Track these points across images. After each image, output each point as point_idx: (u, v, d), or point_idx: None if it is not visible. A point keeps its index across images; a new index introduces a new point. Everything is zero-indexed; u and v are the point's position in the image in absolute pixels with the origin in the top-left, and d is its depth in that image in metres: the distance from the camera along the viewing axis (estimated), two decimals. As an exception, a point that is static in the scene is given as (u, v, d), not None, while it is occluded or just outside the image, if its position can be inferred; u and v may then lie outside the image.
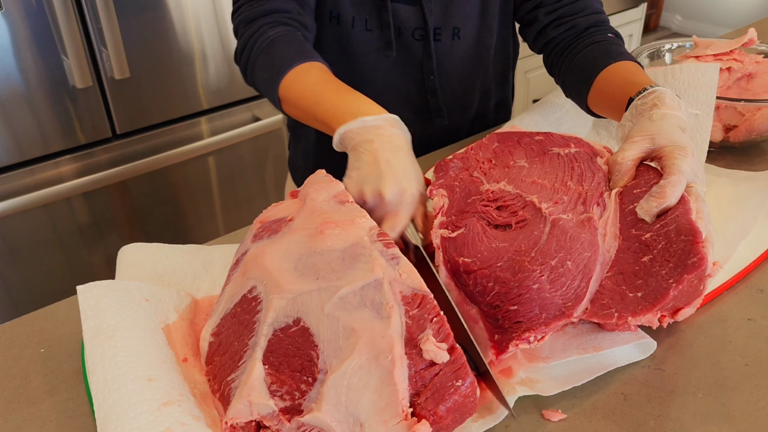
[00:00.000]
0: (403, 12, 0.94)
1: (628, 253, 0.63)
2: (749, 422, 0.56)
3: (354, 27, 0.94)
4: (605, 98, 0.84)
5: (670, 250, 0.61)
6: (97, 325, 0.57)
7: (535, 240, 0.63)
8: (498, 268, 0.62)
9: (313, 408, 0.51)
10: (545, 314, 0.59)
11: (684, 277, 0.59)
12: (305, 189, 0.69)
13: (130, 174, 1.62)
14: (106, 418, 0.50)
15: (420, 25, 0.95)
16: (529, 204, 0.67)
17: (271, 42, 0.85)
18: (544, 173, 0.71)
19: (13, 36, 1.37)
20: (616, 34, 0.93)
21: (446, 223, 0.68)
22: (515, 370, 0.60)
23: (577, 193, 0.68)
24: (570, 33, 0.93)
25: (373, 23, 0.94)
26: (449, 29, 0.97)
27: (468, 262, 0.63)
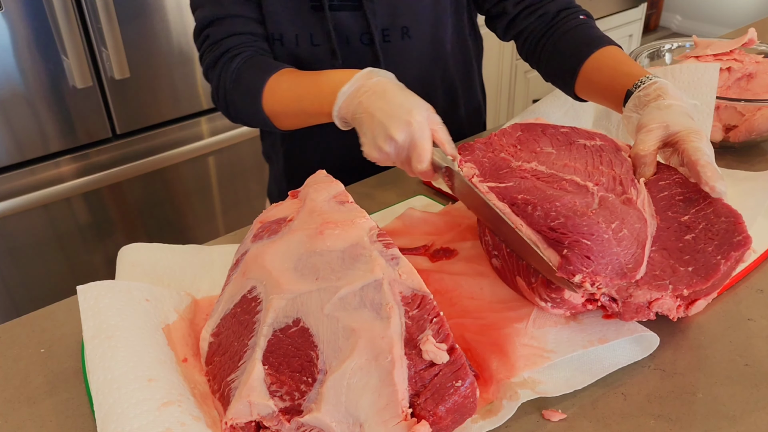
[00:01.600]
0: (346, 19, 0.92)
1: (669, 232, 0.64)
2: (749, 422, 0.56)
3: (299, 45, 0.93)
4: (596, 88, 0.86)
5: (712, 230, 0.62)
6: (97, 325, 0.57)
7: (588, 204, 0.63)
8: (559, 207, 0.62)
9: (312, 408, 0.51)
10: (611, 268, 0.59)
11: (731, 254, 0.60)
12: (305, 189, 0.69)
13: (130, 174, 1.62)
14: (107, 417, 0.50)
15: (365, 30, 0.93)
16: (569, 182, 0.67)
17: (236, 74, 0.88)
18: (574, 158, 0.71)
19: (13, 36, 1.37)
20: (587, 14, 0.94)
21: (486, 181, 0.69)
22: (519, 368, 0.59)
23: (612, 176, 0.68)
24: (542, 20, 0.94)
25: (319, 37, 0.93)
26: (398, 29, 0.95)
27: (528, 198, 0.63)
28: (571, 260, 0.58)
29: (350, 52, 0.95)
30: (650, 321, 0.67)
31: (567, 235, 0.59)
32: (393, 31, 0.95)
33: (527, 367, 0.59)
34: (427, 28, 0.97)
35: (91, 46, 1.48)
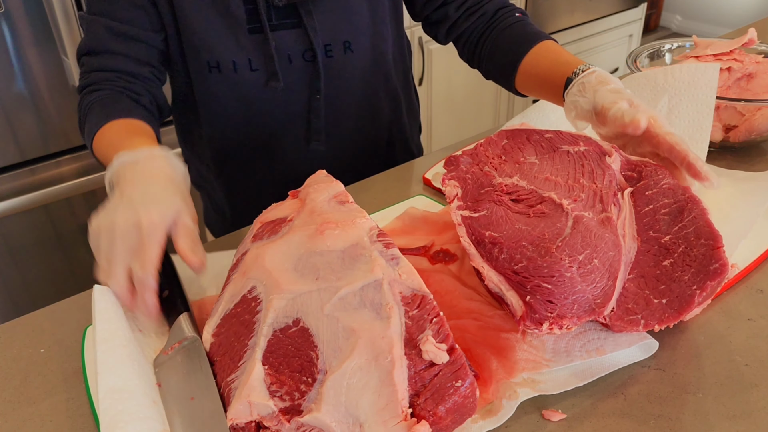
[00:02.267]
0: (288, 38, 0.91)
1: (648, 256, 0.63)
2: (749, 422, 0.56)
3: (237, 71, 0.91)
4: (535, 81, 0.89)
5: (690, 255, 0.61)
6: (112, 330, 0.57)
7: (558, 231, 0.62)
8: (524, 247, 0.61)
9: (312, 408, 0.51)
10: (577, 306, 0.58)
11: (707, 284, 0.59)
12: (305, 189, 0.69)
13: (130, 174, 1.62)
14: (112, 422, 0.50)
15: (308, 47, 0.92)
16: (547, 200, 0.66)
17: (88, 109, 0.86)
18: (556, 170, 0.71)
19: (13, 36, 1.37)
20: (522, 12, 0.97)
21: (464, 206, 0.68)
22: (518, 369, 0.59)
23: (593, 191, 0.67)
24: (481, 20, 0.97)
25: (258, 61, 0.91)
26: (339, 43, 0.95)
27: (495, 236, 0.63)
28: (534, 308, 0.57)
29: (292, 71, 0.94)
30: (650, 321, 0.67)
31: (529, 279, 0.59)
32: (335, 46, 0.94)
33: (526, 369, 0.59)
34: (368, 40, 0.97)
35: (91, 46, 1.48)
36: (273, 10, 0.89)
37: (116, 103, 0.85)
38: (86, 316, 0.70)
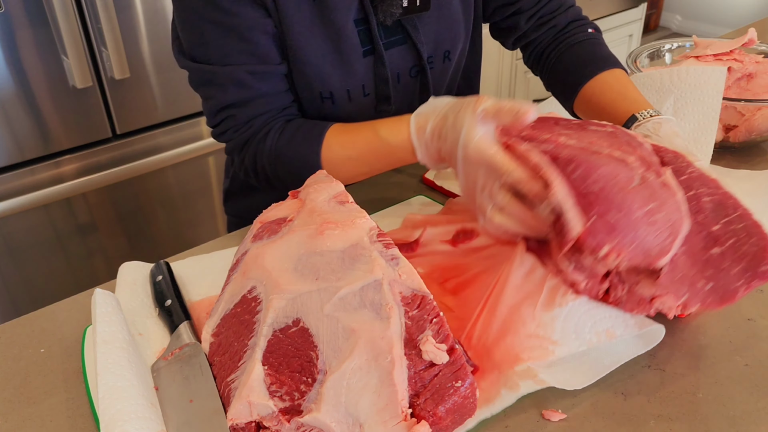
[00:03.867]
0: (396, 55, 0.88)
1: (698, 239, 0.62)
2: (749, 422, 0.56)
3: (351, 100, 0.88)
4: (596, 108, 0.86)
5: (740, 251, 0.60)
6: (112, 332, 0.57)
7: (628, 179, 0.60)
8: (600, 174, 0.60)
9: (312, 408, 0.51)
10: (635, 246, 0.57)
11: (753, 283, 0.59)
12: (306, 189, 0.69)
13: (130, 174, 1.62)
14: (111, 421, 0.50)
15: (415, 62, 0.90)
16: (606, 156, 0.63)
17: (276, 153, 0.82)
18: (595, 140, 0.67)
19: (13, 36, 1.37)
20: (596, 28, 0.95)
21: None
22: (522, 359, 0.59)
23: (640, 157, 0.64)
24: (551, 32, 0.95)
25: (370, 85, 0.88)
26: (440, 54, 0.92)
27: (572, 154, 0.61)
28: (597, 229, 0.56)
29: (399, 89, 0.91)
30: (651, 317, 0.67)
31: (598, 203, 0.57)
32: (436, 57, 0.92)
33: (531, 359, 0.59)
34: (460, 46, 0.95)
35: (91, 46, 1.48)
36: (381, 29, 0.86)
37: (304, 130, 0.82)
38: (86, 316, 0.70)
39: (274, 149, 0.82)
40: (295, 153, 0.81)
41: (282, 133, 0.83)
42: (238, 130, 0.84)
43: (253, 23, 0.79)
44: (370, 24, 0.84)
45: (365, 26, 0.84)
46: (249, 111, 0.83)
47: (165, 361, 0.60)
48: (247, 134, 0.84)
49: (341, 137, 0.80)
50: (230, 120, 0.84)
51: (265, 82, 0.83)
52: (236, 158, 0.87)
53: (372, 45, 0.85)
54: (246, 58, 0.81)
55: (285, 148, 0.82)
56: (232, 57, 0.80)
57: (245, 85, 0.81)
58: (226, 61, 0.81)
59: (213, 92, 0.83)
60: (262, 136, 0.83)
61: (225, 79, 0.81)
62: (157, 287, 0.69)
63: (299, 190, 0.70)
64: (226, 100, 0.83)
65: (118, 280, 0.71)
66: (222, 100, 0.83)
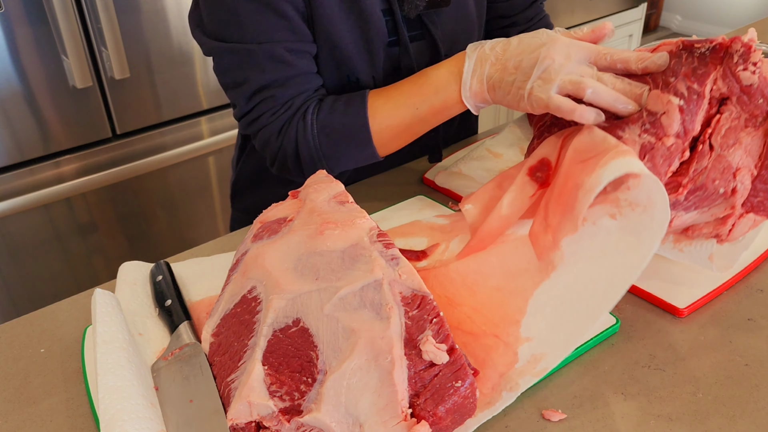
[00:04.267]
0: (415, 50, 0.90)
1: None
2: (749, 422, 0.56)
3: (376, 86, 0.88)
4: None
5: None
6: (112, 332, 0.57)
7: None
8: None
9: (312, 408, 0.51)
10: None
11: None
12: (306, 189, 0.69)
13: (130, 174, 1.62)
14: (112, 421, 0.50)
15: (434, 58, 0.90)
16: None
17: (320, 126, 0.81)
18: None
19: (13, 36, 1.37)
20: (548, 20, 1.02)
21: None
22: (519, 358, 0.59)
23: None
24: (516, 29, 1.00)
25: (391, 77, 0.88)
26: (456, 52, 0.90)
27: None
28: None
29: None
30: (651, 317, 0.67)
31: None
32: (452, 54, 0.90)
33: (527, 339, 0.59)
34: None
35: (91, 46, 1.48)
36: (405, 22, 0.87)
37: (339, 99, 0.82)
38: (86, 316, 0.70)
39: (317, 122, 0.81)
40: (341, 119, 0.80)
41: (320, 109, 0.81)
42: (276, 112, 0.82)
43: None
44: (395, 15, 0.86)
45: (391, 17, 0.86)
46: (289, 90, 0.81)
47: (165, 361, 0.60)
48: (286, 115, 0.81)
49: (384, 92, 0.81)
50: (268, 101, 0.81)
51: (304, 60, 0.82)
52: (273, 145, 0.84)
53: (397, 36, 0.87)
54: (283, 34, 0.79)
55: (328, 119, 0.81)
56: (269, 33, 0.78)
57: (285, 62, 0.79)
58: (263, 38, 0.78)
59: (248, 74, 0.80)
60: (301, 115, 0.81)
61: (263, 57, 0.78)
62: (157, 287, 0.69)
63: (299, 190, 0.70)
64: (264, 80, 0.80)
65: (118, 280, 0.71)
66: (259, 81, 0.80)
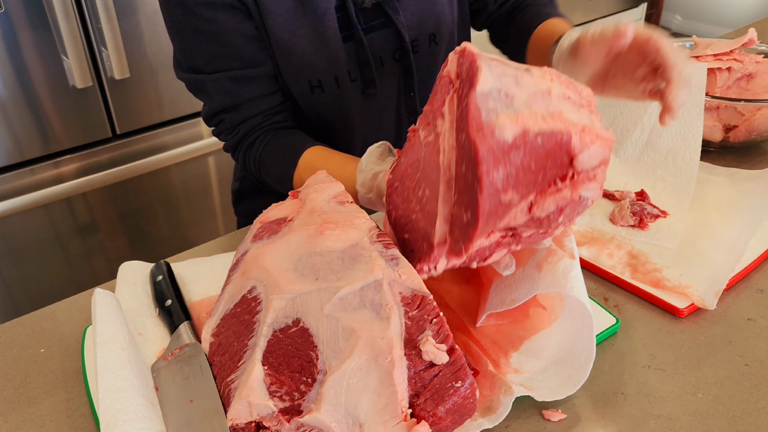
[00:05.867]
0: (378, 39, 0.89)
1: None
2: (749, 422, 0.56)
3: (340, 86, 0.89)
4: (536, 54, 0.92)
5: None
6: (112, 332, 0.57)
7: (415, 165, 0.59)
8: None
9: (312, 409, 0.51)
10: (426, 244, 0.57)
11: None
12: (306, 189, 0.69)
13: (130, 174, 1.62)
14: (112, 421, 0.50)
15: (398, 45, 0.90)
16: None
17: (260, 163, 0.88)
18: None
19: (13, 36, 1.37)
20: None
21: None
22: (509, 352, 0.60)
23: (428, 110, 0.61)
24: (512, 5, 1.01)
25: (355, 71, 0.89)
26: (425, 38, 0.93)
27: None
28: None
29: (384, 73, 0.92)
30: (651, 317, 0.67)
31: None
32: (421, 41, 0.93)
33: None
34: (448, 30, 0.96)
35: (91, 46, 1.48)
36: (361, 14, 0.87)
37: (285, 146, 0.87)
38: (86, 316, 0.70)
39: (258, 159, 0.88)
40: (274, 167, 0.88)
41: (266, 145, 0.88)
42: (230, 133, 0.90)
43: (231, 27, 0.81)
44: (348, 9, 0.85)
45: (344, 12, 0.86)
46: (236, 116, 0.88)
47: (165, 361, 0.60)
48: (236, 138, 0.90)
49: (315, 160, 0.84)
50: (222, 125, 0.90)
51: (249, 86, 0.86)
52: (233, 156, 0.94)
53: (351, 30, 0.87)
54: (229, 62, 0.84)
55: (265, 160, 0.88)
56: (215, 63, 0.84)
57: (229, 92, 0.86)
58: (211, 68, 0.84)
59: (204, 99, 0.89)
60: (249, 143, 0.89)
61: (210, 87, 0.85)
62: (157, 287, 0.69)
63: (299, 190, 0.70)
64: (214, 106, 0.88)
65: (118, 280, 0.71)
66: (211, 107, 0.89)
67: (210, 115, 0.90)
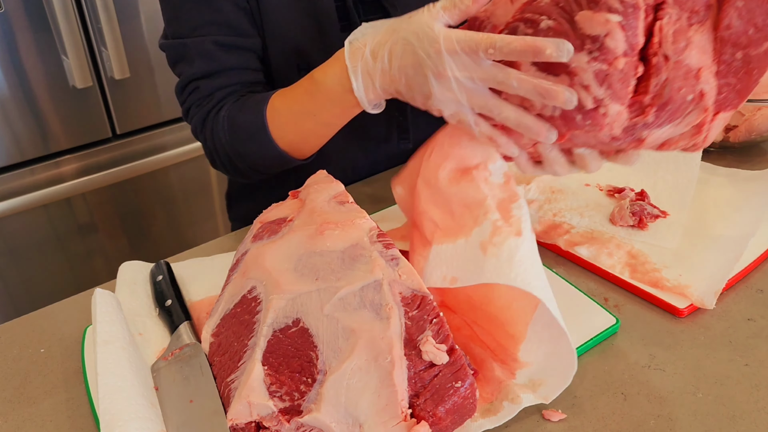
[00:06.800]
0: None
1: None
2: (749, 422, 0.56)
3: None
4: None
5: None
6: (112, 332, 0.57)
7: None
8: None
9: (312, 409, 0.51)
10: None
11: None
12: (306, 189, 0.69)
13: (130, 174, 1.62)
14: (112, 421, 0.50)
15: None
16: None
17: (229, 122, 0.80)
18: None
19: (13, 36, 1.37)
20: None
21: None
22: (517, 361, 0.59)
23: None
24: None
25: None
26: None
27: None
28: None
29: None
30: (651, 317, 0.67)
31: None
32: None
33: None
34: None
35: (91, 46, 1.48)
36: (360, 6, 0.87)
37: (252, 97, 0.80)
38: (86, 316, 0.70)
39: (227, 118, 0.80)
40: (244, 118, 0.79)
41: (235, 103, 0.82)
42: (201, 104, 0.83)
43: None
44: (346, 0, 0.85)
45: (342, 2, 0.86)
46: (213, 83, 0.82)
47: (165, 361, 0.60)
48: (207, 107, 0.82)
49: (284, 94, 0.78)
50: (195, 93, 0.83)
51: (233, 55, 0.83)
52: (200, 138, 0.85)
53: (349, 21, 0.87)
54: (215, 28, 0.81)
55: (235, 116, 0.80)
56: (201, 28, 0.81)
57: (211, 57, 0.81)
58: (196, 33, 0.81)
59: (183, 67, 0.83)
60: (217, 110, 0.82)
61: (193, 50, 0.81)
62: (158, 287, 0.69)
63: (299, 190, 0.70)
64: (193, 73, 0.82)
65: (118, 280, 0.71)
66: (189, 74, 0.83)
67: (184, 84, 0.84)
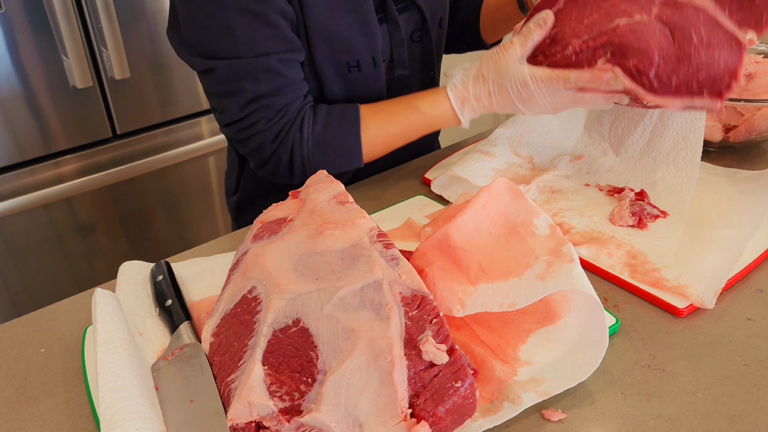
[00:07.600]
0: (402, 21, 0.93)
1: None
2: (749, 422, 0.56)
3: (376, 66, 0.90)
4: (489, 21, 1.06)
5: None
6: (113, 332, 0.57)
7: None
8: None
9: (312, 409, 0.51)
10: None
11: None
12: (306, 189, 0.69)
13: (130, 174, 1.63)
14: (112, 421, 0.50)
15: (418, 26, 0.96)
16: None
17: (315, 139, 0.85)
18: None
19: (13, 36, 1.37)
20: None
21: None
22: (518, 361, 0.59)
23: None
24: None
25: (386, 51, 0.92)
26: (436, 21, 0.99)
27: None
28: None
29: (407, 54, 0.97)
30: (651, 317, 0.67)
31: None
32: (433, 24, 0.98)
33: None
34: (446, 16, 1.02)
35: (91, 46, 1.48)
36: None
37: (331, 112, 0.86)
38: (86, 316, 0.71)
39: (313, 135, 0.85)
40: (336, 134, 0.85)
41: (315, 121, 0.85)
42: (271, 119, 0.84)
43: (278, 8, 0.80)
44: None
45: None
46: (282, 99, 0.84)
47: (165, 361, 0.60)
48: (281, 123, 0.84)
49: (378, 116, 0.86)
50: (262, 110, 0.83)
51: (293, 69, 0.84)
52: (266, 150, 0.85)
53: (385, 12, 0.90)
54: (275, 45, 0.82)
55: (324, 133, 0.85)
56: (261, 45, 0.81)
57: (278, 73, 0.82)
58: (258, 51, 0.81)
59: (243, 84, 0.82)
60: (298, 125, 0.84)
61: (258, 69, 0.81)
62: (158, 287, 0.69)
63: (299, 190, 0.70)
64: (259, 90, 0.82)
65: (119, 280, 0.71)
66: (254, 91, 0.82)
67: (245, 103, 0.83)
